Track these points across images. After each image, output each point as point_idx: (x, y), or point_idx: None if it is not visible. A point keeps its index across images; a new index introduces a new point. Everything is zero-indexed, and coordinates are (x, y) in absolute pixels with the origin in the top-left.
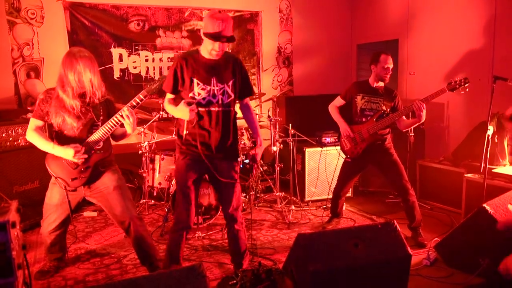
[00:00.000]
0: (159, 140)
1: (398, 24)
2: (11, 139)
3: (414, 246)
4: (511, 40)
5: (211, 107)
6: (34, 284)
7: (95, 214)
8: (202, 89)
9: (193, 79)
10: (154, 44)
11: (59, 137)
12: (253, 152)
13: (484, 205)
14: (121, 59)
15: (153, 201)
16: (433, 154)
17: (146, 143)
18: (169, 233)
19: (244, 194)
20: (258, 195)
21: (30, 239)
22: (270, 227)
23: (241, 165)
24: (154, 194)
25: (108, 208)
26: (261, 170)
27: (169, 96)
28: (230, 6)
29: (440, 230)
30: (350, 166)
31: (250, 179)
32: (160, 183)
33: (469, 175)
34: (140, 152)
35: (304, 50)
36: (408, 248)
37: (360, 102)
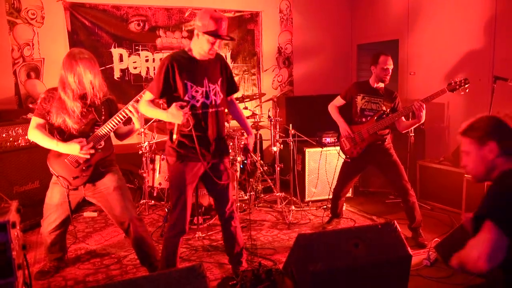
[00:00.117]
0: (159, 140)
1: (398, 24)
2: (11, 139)
3: (415, 247)
4: None
5: (206, 109)
6: (34, 284)
7: (95, 215)
8: (196, 91)
9: (187, 82)
10: (155, 45)
11: (60, 135)
12: (245, 142)
13: None
14: (122, 59)
15: (153, 202)
16: (433, 155)
17: (146, 143)
18: (165, 239)
19: (245, 194)
20: (258, 196)
21: (30, 239)
22: (270, 228)
23: (241, 165)
24: (154, 195)
25: (108, 209)
26: (261, 170)
27: (148, 97)
28: (230, 6)
29: (440, 231)
30: (350, 167)
31: (245, 176)
32: (160, 184)
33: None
34: (140, 152)
35: (305, 50)
36: (409, 249)
37: (361, 102)
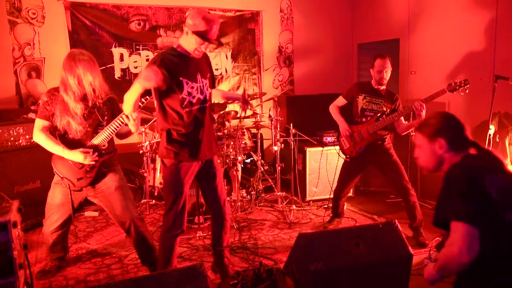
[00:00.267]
0: (160, 140)
1: (399, 24)
2: (12, 139)
3: (415, 246)
4: None
5: (202, 104)
6: (36, 284)
7: (96, 214)
8: (192, 87)
9: (182, 79)
10: (155, 44)
11: (64, 139)
12: (242, 93)
13: None
14: (122, 59)
15: (154, 201)
16: None
17: (147, 143)
18: (162, 240)
19: (246, 194)
20: (259, 195)
21: (32, 239)
22: (271, 227)
23: (242, 165)
24: (155, 194)
25: (110, 208)
26: (262, 169)
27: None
28: (231, 6)
29: (441, 230)
30: (350, 167)
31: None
32: (161, 183)
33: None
34: (141, 152)
35: (305, 50)
36: (410, 248)
37: (362, 102)
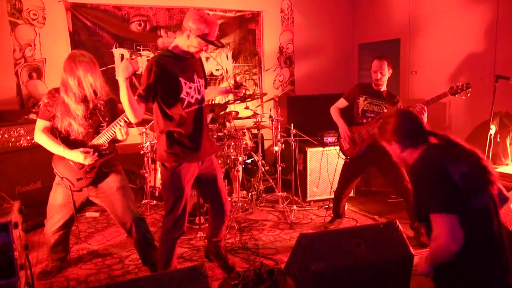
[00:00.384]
0: (157, 142)
1: (400, 24)
2: (13, 140)
3: (416, 246)
4: None
5: (200, 104)
6: (37, 285)
7: (97, 215)
8: (190, 88)
9: (180, 79)
10: (156, 45)
11: (66, 140)
12: (233, 83)
13: None
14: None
15: (155, 202)
16: None
17: (148, 144)
18: (164, 241)
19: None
20: (260, 195)
21: (33, 240)
22: (272, 227)
23: (243, 166)
24: (156, 195)
25: (111, 209)
26: (263, 170)
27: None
28: (232, 6)
29: None
30: (350, 168)
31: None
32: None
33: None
34: (142, 153)
35: (306, 50)
36: (410, 248)
37: (363, 104)
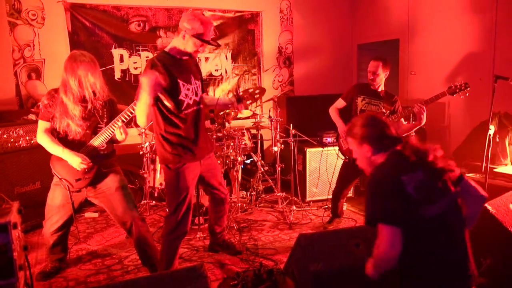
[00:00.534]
0: (157, 144)
1: (399, 24)
2: (12, 140)
3: None
4: None
5: (198, 106)
6: (36, 285)
7: (96, 215)
8: (188, 89)
9: (179, 81)
10: (155, 45)
11: (64, 140)
12: (235, 96)
13: (486, 205)
14: (122, 60)
15: (154, 202)
16: None
17: (147, 144)
18: (166, 241)
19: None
20: (259, 196)
21: (32, 240)
22: (271, 228)
23: (242, 166)
24: (155, 195)
25: (110, 209)
26: (262, 170)
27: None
28: (231, 6)
29: None
30: (349, 168)
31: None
32: (161, 184)
33: (471, 175)
34: (141, 153)
35: (305, 50)
36: None
37: (361, 104)
